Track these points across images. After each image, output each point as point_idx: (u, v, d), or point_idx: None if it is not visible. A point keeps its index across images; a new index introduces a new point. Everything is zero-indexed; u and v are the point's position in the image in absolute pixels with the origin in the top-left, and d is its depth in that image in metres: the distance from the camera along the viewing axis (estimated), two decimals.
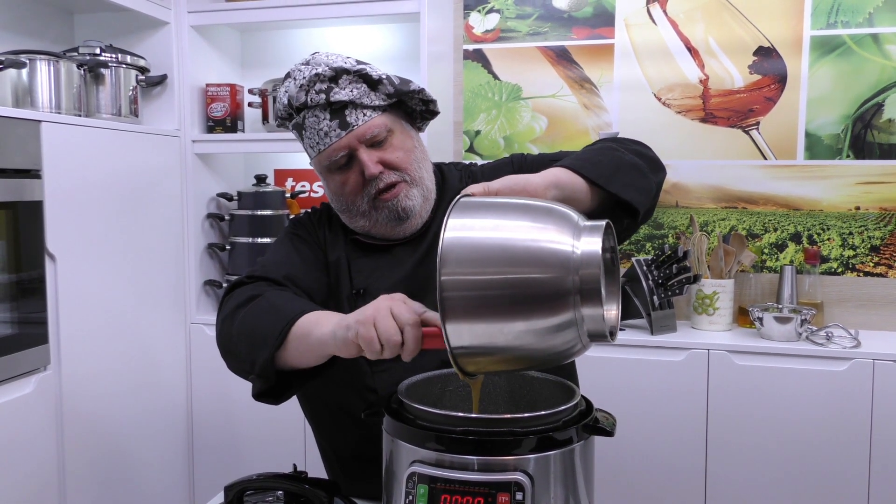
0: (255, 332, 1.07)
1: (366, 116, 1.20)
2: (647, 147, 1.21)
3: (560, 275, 0.80)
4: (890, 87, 2.23)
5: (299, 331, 1.02)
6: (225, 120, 2.47)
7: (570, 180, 1.01)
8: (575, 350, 0.85)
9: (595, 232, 0.82)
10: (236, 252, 2.49)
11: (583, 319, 0.80)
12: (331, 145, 1.20)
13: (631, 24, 2.40)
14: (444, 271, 0.81)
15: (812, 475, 2.00)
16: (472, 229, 0.84)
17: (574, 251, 0.80)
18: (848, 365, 1.97)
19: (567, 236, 0.82)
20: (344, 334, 0.96)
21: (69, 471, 1.92)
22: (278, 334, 1.03)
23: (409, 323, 0.91)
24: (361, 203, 1.23)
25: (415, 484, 0.87)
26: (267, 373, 1.05)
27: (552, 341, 0.82)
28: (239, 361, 1.12)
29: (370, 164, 1.20)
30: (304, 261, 1.26)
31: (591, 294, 0.79)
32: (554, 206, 0.87)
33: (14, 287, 1.77)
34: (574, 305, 0.80)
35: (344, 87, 1.19)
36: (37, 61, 1.93)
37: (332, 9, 2.32)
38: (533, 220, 0.84)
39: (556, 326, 0.81)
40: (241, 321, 1.11)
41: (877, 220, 2.27)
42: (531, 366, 0.88)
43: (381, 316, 0.92)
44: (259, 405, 1.20)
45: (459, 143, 2.56)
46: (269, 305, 1.10)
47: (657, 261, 2.23)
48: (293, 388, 1.11)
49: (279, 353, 1.04)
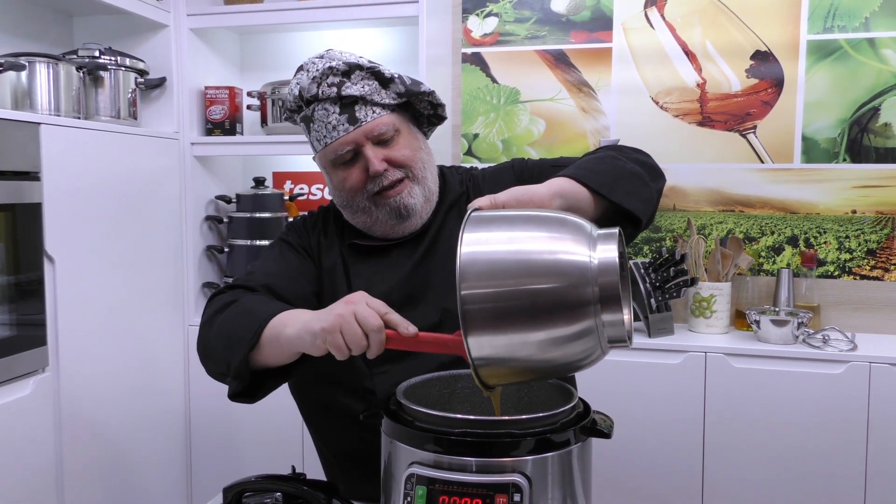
0: (230, 335, 1.10)
1: (375, 114, 1.21)
2: (647, 155, 1.22)
3: (579, 284, 0.81)
4: (886, 91, 2.24)
5: (271, 332, 1.05)
6: (224, 122, 2.48)
7: (573, 190, 1.02)
8: (594, 357, 0.86)
9: (609, 240, 0.83)
10: (235, 254, 2.50)
11: (603, 326, 0.82)
12: (338, 139, 1.21)
13: (629, 28, 2.41)
14: (465, 286, 0.82)
15: (809, 477, 2.01)
16: (487, 243, 0.85)
17: (591, 261, 0.82)
18: (844, 368, 1.97)
19: (583, 246, 0.83)
20: (311, 340, 0.98)
21: (67, 473, 1.91)
22: (252, 335, 1.05)
23: (373, 329, 0.94)
24: (362, 199, 1.24)
25: (413, 485, 0.87)
26: (241, 373, 1.07)
27: (572, 350, 0.83)
28: (216, 364, 1.14)
29: (375, 160, 1.21)
30: (289, 269, 1.27)
31: (610, 301, 0.81)
32: (566, 217, 0.88)
33: (13, 289, 1.77)
34: (595, 314, 0.81)
35: (356, 82, 1.21)
36: (36, 64, 1.94)
37: (331, 12, 2.33)
38: (548, 231, 0.86)
39: (576, 335, 0.82)
40: (218, 326, 1.14)
41: (873, 223, 2.28)
42: (550, 375, 0.90)
43: (346, 322, 0.94)
44: (257, 406, 1.21)
45: (458, 146, 2.57)
46: (243, 310, 1.12)
47: (654, 264, 2.24)
48: (267, 388, 1.14)
49: (253, 353, 1.06)
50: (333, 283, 1.28)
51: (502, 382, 0.91)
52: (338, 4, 2.31)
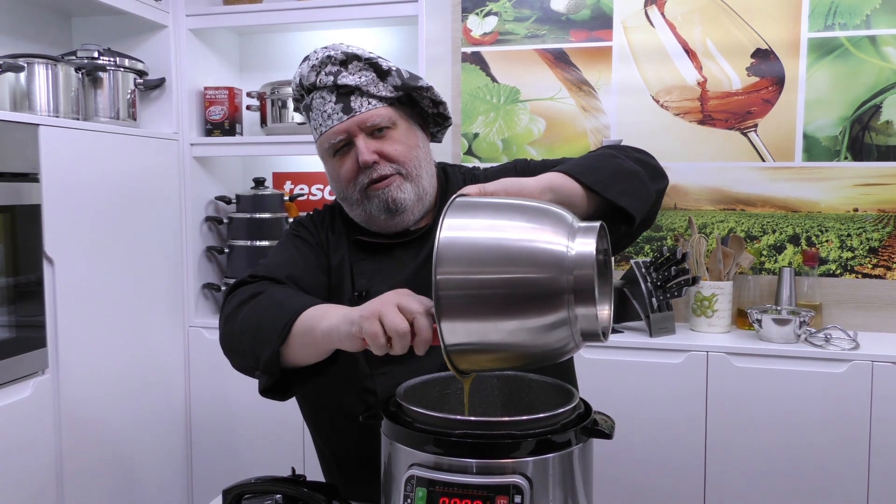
0: (259, 327, 1.07)
1: (370, 105, 1.21)
2: (649, 155, 1.21)
3: (554, 274, 0.80)
4: (887, 88, 2.23)
5: (303, 325, 1.02)
6: (223, 123, 2.47)
7: (565, 184, 1.02)
8: (568, 349, 0.85)
9: (589, 233, 0.83)
10: (235, 255, 2.49)
11: (576, 318, 0.81)
12: (332, 128, 1.21)
13: (629, 26, 2.40)
14: (440, 270, 0.82)
15: (811, 477, 2.00)
16: (467, 229, 0.85)
17: (568, 251, 0.81)
18: (847, 367, 1.97)
19: (562, 237, 0.82)
20: (348, 329, 0.95)
21: (67, 475, 1.91)
22: (283, 328, 1.02)
23: (419, 312, 0.90)
24: (354, 192, 1.24)
25: (413, 487, 0.86)
26: (272, 368, 1.05)
27: (545, 339, 0.83)
28: (243, 358, 1.12)
29: (365, 151, 1.20)
30: (306, 262, 1.26)
31: (584, 294, 0.80)
32: (549, 207, 0.88)
33: (12, 290, 1.77)
34: (568, 304, 0.81)
35: (353, 72, 1.21)
36: (35, 65, 1.93)
37: (330, 12, 2.32)
38: (528, 221, 0.85)
39: (549, 325, 0.82)
40: (245, 318, 1.11)
41: (875, 221, 2.27)
42: (524, 364, 0.89)
43: (386, 310, 0.91)
44: (257, 408, 1.20)
45: (458, 146, 2.57)
46: (272, 301, 1.10)
47: (656, 263, 2.23)
48: (296, 386, 1.10)
49: (283, 347, 1.04)
50: (340, 279, 1.28)
51: (475, 369, 0.90)
52: (337, 4, 2.31)
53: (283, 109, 2.43)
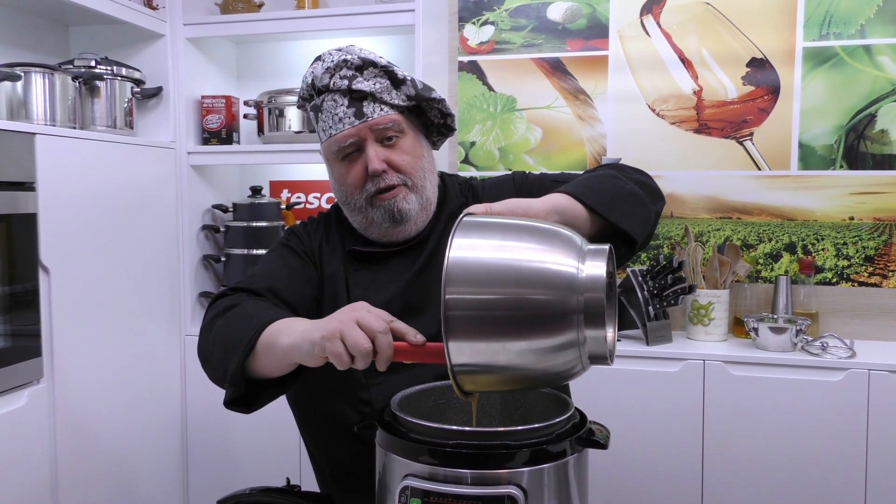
0: (227, 340, 1.08)
1: (382, 111, 1.22)
2: (647, 176, 1.22)
3: (565, 297, 0.80)
4: (882, 97, 2.24)
5: (267, 339, 1.02)
6: (220, 132, 2.47)
7: (570, 207, 1.02)
8: (574, 371, 0.85)
9: (599, 256, 0.83)
10: (231, 264, 2.49)
11: (585, 341, 0.81)
12: (342, 131, 1.21)
13: (625, 35, 2.41)
14: (450, 290, 0.82)
15: (808, 485, 2.00)
16: (477, 249, 0.85)
17: (579, 274, 0.81)
18: (843, 375, 1.97)
19: (572, 259, 0.82)
20: (310, 349, 0.95)
21: (63, 484, 1.90)
22: (248, 341, 1.03)
23: (379, 331, 0.90)
24: (359, 198, 1.24)
25: (408, 498, 0.86)
26: (237, 380, 1.05)
27: (553, 362, 0.83)
28: (214, 369, 1.12)
29: (375, 159, 1.21)
30: (292, 273, 1.26)
31: (594, 317, 0.80)
32: (558, 229, 0.88)
33: (7, 299, 1.77)
34: (577, 327, 0.80)
35: (368, 78, 1.22)
36: (31, 74, 1.93)
37: (327, 21, 2.33)
38: (538, 242, 0.85)
39: (558, 346, 0.81)
40: (217, 330, 1.12)
41: (871, 230, 2.27)
42: (529, 386, 0.89)
43: (347, 329, 0.91)
44: (253, 418, 1.19)
45: (454, 155, 2.57)
46: (244, 314, 1.10)
47: (652, 271, 2.24)
48: (261, 399, 1.10)
49: (250, 360, 1.04)
50: (334, 290, 1.27)
51: (480, 390, 0.90)
52: (334, 13, 2.32)
53: (280, 118, 2.43)
